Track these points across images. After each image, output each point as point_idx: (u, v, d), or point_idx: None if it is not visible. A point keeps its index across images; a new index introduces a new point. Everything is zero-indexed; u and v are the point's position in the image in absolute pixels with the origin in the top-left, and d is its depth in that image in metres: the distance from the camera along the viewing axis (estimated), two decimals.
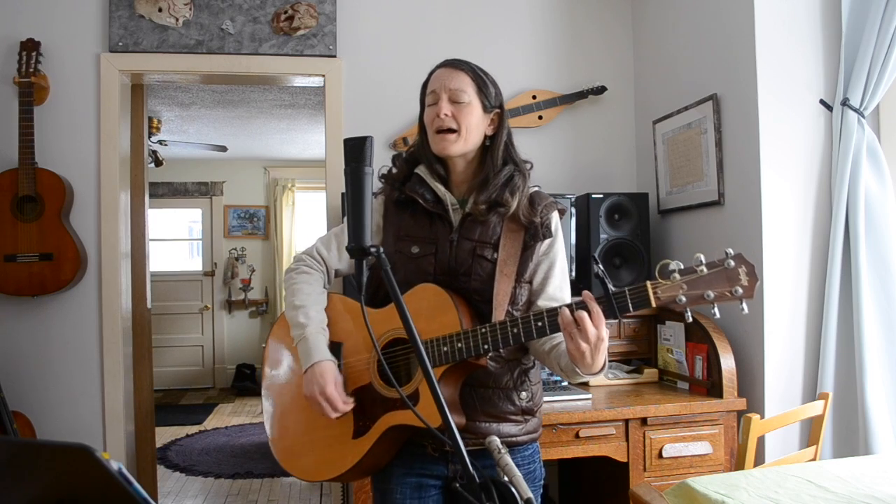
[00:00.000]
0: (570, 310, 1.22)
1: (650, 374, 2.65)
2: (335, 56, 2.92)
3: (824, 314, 2.25)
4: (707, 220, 2.63)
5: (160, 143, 5.55)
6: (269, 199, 7.37)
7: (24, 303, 2.71)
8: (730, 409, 2.30)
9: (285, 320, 1.55)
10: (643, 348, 2.72)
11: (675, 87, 2.81)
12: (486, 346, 1.31)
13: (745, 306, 1.18)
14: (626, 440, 2.25)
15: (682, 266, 1.20)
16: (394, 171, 1.54)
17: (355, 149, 1.11)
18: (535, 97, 3.03)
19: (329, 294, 1.55)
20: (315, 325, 1.45)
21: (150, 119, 5.00)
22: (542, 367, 1.60)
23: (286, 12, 2.88)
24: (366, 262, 1.10)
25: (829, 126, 2.33)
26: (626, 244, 2.73)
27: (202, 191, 7.28)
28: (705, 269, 1.19)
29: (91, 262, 2.77)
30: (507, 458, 0.99)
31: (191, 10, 2.84)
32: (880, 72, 2.17)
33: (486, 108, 1.45)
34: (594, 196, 2.72)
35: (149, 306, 3.37)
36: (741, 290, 1.17)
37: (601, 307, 1.22)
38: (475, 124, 1.43)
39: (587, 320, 1.20)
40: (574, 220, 2.75)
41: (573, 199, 2.79)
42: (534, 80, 3.06)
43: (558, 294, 1.47)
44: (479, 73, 1.46)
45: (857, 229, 2.19)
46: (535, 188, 1.50)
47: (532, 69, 3.07)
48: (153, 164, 5.45)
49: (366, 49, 2.97)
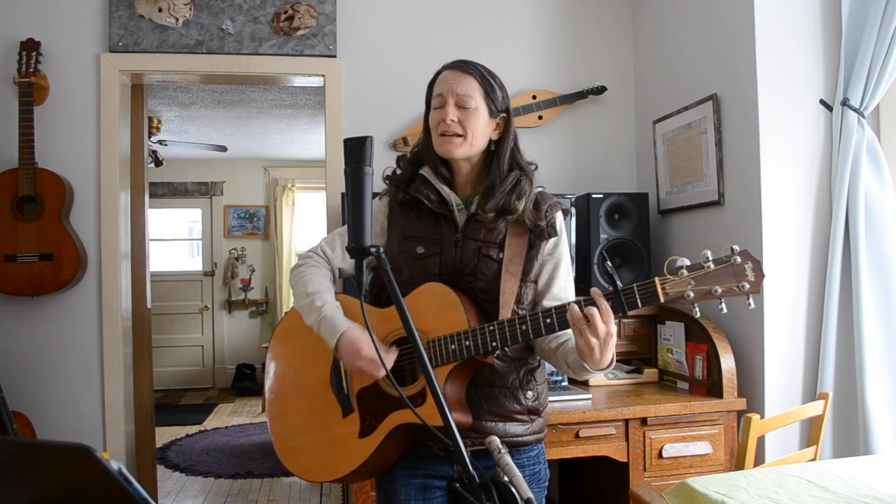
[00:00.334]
0: (579, 306, 1.23)
1: (650, 374, 2.65)
2: (335, 56, 2.92)
3: (824, 314, 2.25)
4: (707, 220, 2.63)
5: (160, 143, 5.55)
6: (269, 199, 7.37)
7: (24, 303, 2.71)
8: (730, 409, 2.30)
9: (291, 318, 1.55)
10: (643, 348, 2.72)
11: (675, 87, 2.81)
12: (495, 343, 1.31)
13: (751, 301, 1.20)
14: (626, 440, 2.25)
15: (688, 262, 1.22)
16: (398, 172, 1.54)
17: (355, 149, 1.11)
18: (535, 97, 3.03)
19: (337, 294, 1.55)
20: (331, 304, 1.44)
21: (150, 119, 5.00)
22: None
23: (286, 12, 2.88)
24: (366, 262, 1.10)
25: (829, 126, 2.33)
26: (626, 244, 2.73)
27: (202, 191, 7.28)
28: (712, 265, 1.21)
29: (91, 262, 2.77)
30: (507, 458, 0.99)
31: (191, 10, 2.84)
32: (880, 72, 2.17)
33: (492, 113, 1.45)
34: (594, 196, 2.72)
35: (149, 306, 3.37)
36: (748, 286, 1.20)
37: (610, 303, 1.23)
38: (481, 129, 1.43)
39: (597, 316, 1.21)
40: (574, 220, 2.75)
41: (573, 199, 2.79)
42: (534, 80, 3.07)
43: (563, 294, 1.48)
44: (486, 76, 1.45)
45: (857, 229, 2.19)
46: (539, 189, 1.50)
47: (532, 69, 3.07)
48: (153, 164, 5.45)
49: (366, 49, 2.97)
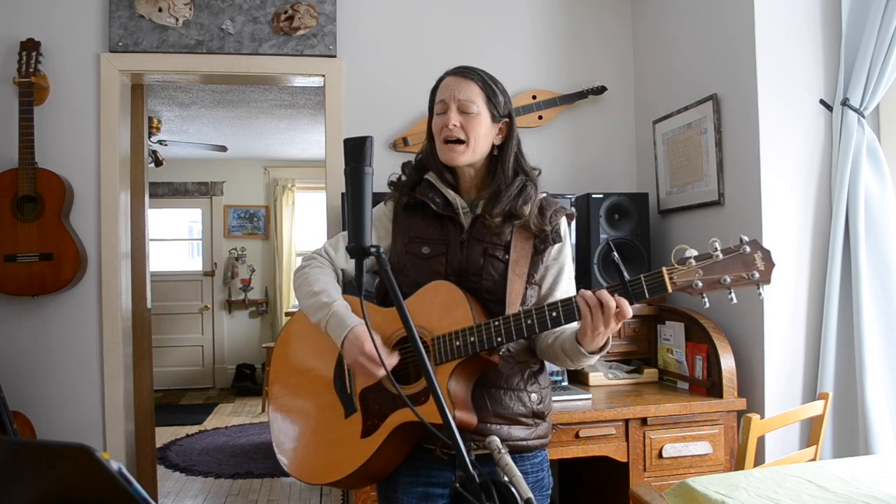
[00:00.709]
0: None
1: (650, 374, 2.65)
2: (335, 56, 2.92)
3: (824, 314, 2.25)
4: (707, 220, 2.63)
5: (160, 143, 5.55)
6: (269, 199, 7.37)
7: (24, 303, 2.71)
8: (730, 409, 2.30)
9: (296, 320, 1.55)
10: (643, 348, 2.72)
11: (675, 87, 2.81)
12: (500, 338, 1.30)
13: (762, 291, 1.18)
14: (626, 440, 2.25)
15: (696, 253, 1.21)
16: (403, 178, 1.55)
17: (355, 149, 1.11)
18: (535, 97, 3.03)
19: None
20: (339, 302, 1.43)
21: (150, 119, 5.00)
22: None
23: (286, 12, 2.88)
24: (368, 263, 1.11)
25: (829, 126, 2.33)
26: (626, 244, 2.73)
27: (202, 191, 7.28)
28: (721, 255, 1.19)
29: (91, 262, 2.77)
30: (507, 458, 0.99)
31: (191, 10, 2.84)
32: (880, 72, 2.17)
33: (494, 118, 1.45)
34: (594, 196, 2.72)
35: (149, 306, 3.37)
36: (758, 275, 1.18)
37: (617, 294, 1.23)
38: (483, 135, 1.44)
39: (610, 299, 1.22)
40: (574, 220, 2.75)
41: (573, 199, 2.79)
42: (534, 80, 3.07)
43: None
44: (488, 81, 1.45)
45: (857, 229, 2.19)
46: (544, 194, 1.51)
47: (532, 69, 3.07)
48: (153, 164, 5.46)
49: (366, 49, 2.97)
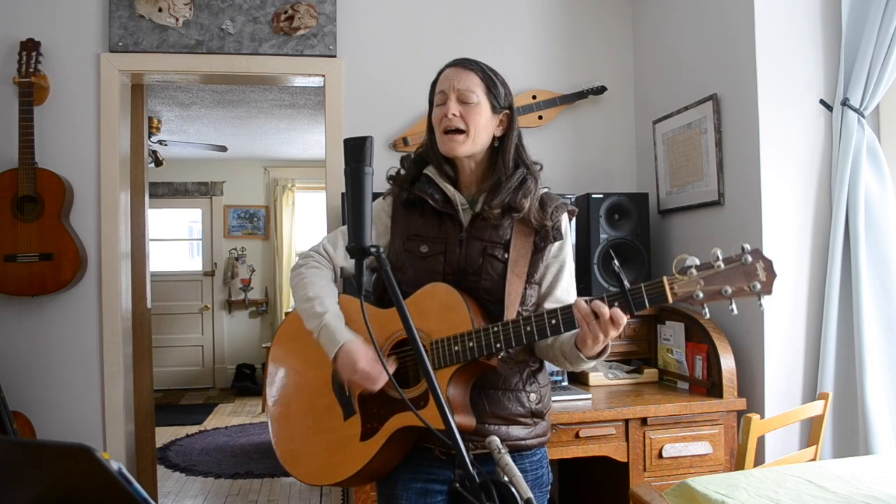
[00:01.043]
0: (586, 302, 1.23)
1: (650, 374, 2.65)
2: (335, 56, 2.92)
3: (824, 314, 2.25)
4: (707, 220, 2.63)
5: (160, 143, 5.55)
6: (269, 199, 7.38)
7: (24, 303, 2.71)
8: (730, 409, 2.30)
9: (292, 320, 1.54)
10: (643, 348, 2.72)
11: (675, 87, 2.81)
12: (499, 344, 1.30)
13: (763, 302, 1.17)
14: (626, 440, 2.25)
15: (698, 262, 1.20)
16: (402, 172, 1.53)
17: (355, 149, 1.11)
18: (535, 97, 3.03)
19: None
20: (332, 312, 1.43)
21: (150, 119, 5.00)
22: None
23: (286, 12, 2.88)
24: (367, 262, 1.10)
25: (829, 126, 2.33)
26: (626, 244, 2.73)
27: (202, 191, 7.28)
28: (722, 265, 1.18)
29: (91, 262, 2.77)
30: (507, 458, 0.99)
31: (191, 10, 2.84)
32: (880, 72, 2.17)
33: (495, 109, 1.44)
34: (594, 196, 2.72)
35: (149, 306, 3.37)
36: (759, 286, 1.17)
37: (617, 303, 1.23)
38: (483, 125, 1.42)
39: (605, 308, 1.21)
40: (574, 220, 2.75)
41: (573, 199, 2.79)
42: (534, 80, 3.07)
43: (566, 297, 1.47)
44: (488, 72, 1.45)
45: (857, 229, 2.19)
46: (545, 189, 1.50)
47: (532, 69, 3.07)
48: (153, 164, 5.46)
49: (366, 49, 2.97)
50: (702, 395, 2.38)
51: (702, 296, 1.19)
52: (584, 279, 2.75)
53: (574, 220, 2.73)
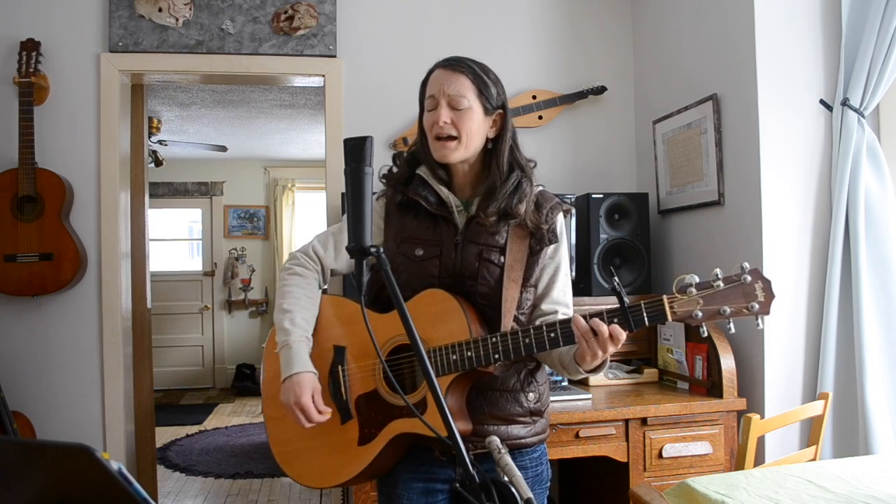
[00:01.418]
0: (585, 318, 1.23)
1: (650, 374, 2.65)
2: (335, 56, 2.92)
3: (824, 314, 2.25)
4: (707, 220, 2.63)
5: (160, 143, 5.55)
6: (269, 199, 7.38)
7: (24, 303, 2.71)
8: (730, 409, 2.30)
9: None
10: (643, 348, 2.72)
11: (675, 87, 2.81)
12: (497, 355, 1.29)
13: (760, 322, 1.19)
14: (626, 440, 2.25)
15: (697, 280, 1.20)
16: (395, 170, 1.50)
17: (355, 149, 1.11)
18: (535, 97, 3.03)
19: (332, 297, 1.51)
20: (298, 333, 1.42)
21: (150, 119, 5.00)
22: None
23: (286, 12, 2.88)
24: (366, 262, 1.10)
25: (829, 126, 2.33)
26: (626, 244, 2.73)
27: (202, 191, 7.28)
28: (722, 284, 1.19)
29: (91, 262, 2.77)
30: (508, 458, 0.99)
31: (191, 10, 2.84)
32: (880, 72, 2.17)
33: (487, 111, 1.41)
34: (594, 196, 2.72)
35: (149, 306, 3.37)
36: (757, 306, 1.18)
37: (616, 320, 1.22)
38: (476, 129, 1.39)
39: (603, 327, 1.21)
40: (574, 220, 2.75)
41: (573, 199, 2.79)
42: (534, 80, 3.06)
43: (562, 297, 1.47)
44: (479, 73, 1.41)
45: (857, 229, 2.19)
46: (540, 188, 1.47)
47: (532, 69, 3.07)
48: (153, 164, 5.45)
49: (366, 49, 2.97)
50: (702, 395, 2.38)
51: (701, 315, 1.19)
52: (584, 279, 2.75)
53: (574, 219, 2.75)
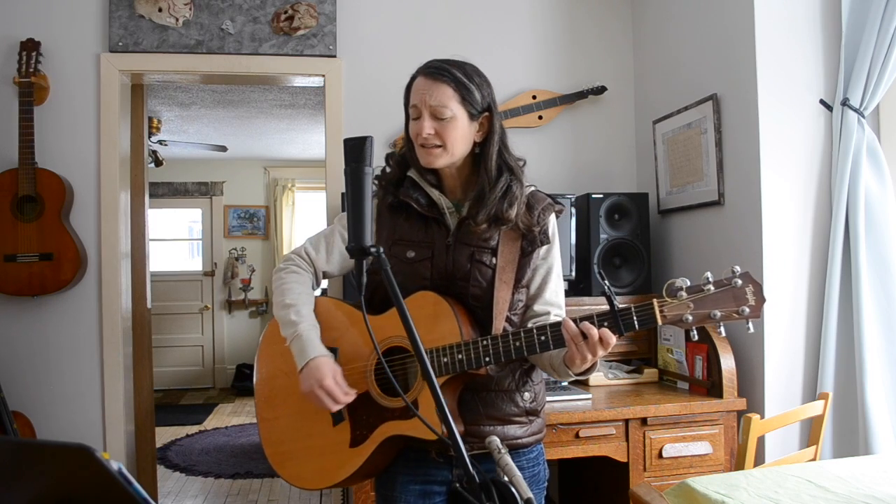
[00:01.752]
0: (575, 322, 1.23)
1: (650, 374, 2.65)
2: (335, 56, 2.92)
3: (824, 314, 2.25)
4: (707, 220, 2.63)
5: (160, 143, 5.55)
6: (269, 199, 7.38)
7: (24, 303, 2.71)
8: (730, 409, 2.30)
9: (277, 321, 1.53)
10: (643, 348, 2.72)
11: (675, 87, 2.81)
12: (488, 358, 1.30)
13: (750, 325, 1.19)
14: (626, 440, 2.25)
15: (688, 283, 1.20)
16: (387, 170, 1.50)
17: (355, 149, 1.11)
18: (535, 97, 3.03)
19: (324, 298, 1.51)
20: (307, 322, 1.41)
21: (150, 119, 5.00)
22: None
23: (286, 12, 2.88)
24: (366, 262, 1.10)
25: (829, 126, 2.33)
26: (626, 244, 2.73)
27: (202, 191, 7.28)
28: (712, 288, 1.19)
29: (91, 262, 2.77)
30: (507, 458, 0.99)
31: (191, 10, 2.84)
32: (880, 72, 2.17)
33: (472, 116, 1.39)
34: (594, 196, 2.72)
35: (149, 306, 3.37)
36: (748, 310, 1.18)
37: (606, 324, 1.22)
38: (461, 136, 1.38)
39: (593, 330, 1.21)
40: (574, 220, 2.75)
41: (573, 199, 2.78)
42: (534, 80, 3.06)
43: (554, 298, 1.46)
44: (461, 79, 1.38)
45: (857, 229, 2.19)
46: (531, 188, 1.46)
47: (532, 69, 3.07)
48: (153, 164, 5.45)
49: (366, 49, 2.97)
50: (702, 395, 2.38)
51: (691, 319, 1.19)
52: (584, 279, 2.75)
53: (574, 219, 2.75)
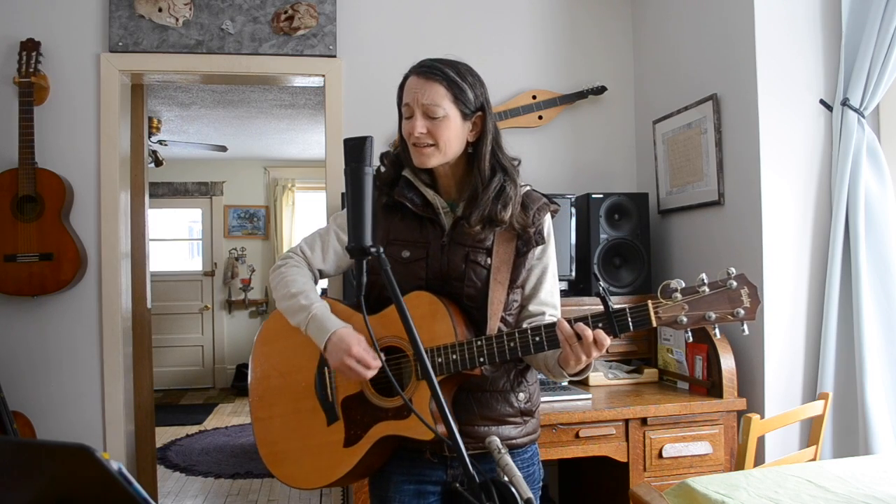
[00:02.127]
0: (570, 323, 1.23)
1: (650, 374, 2.65)
2: (335, 56, 2.92)
3: (824, 314, 2.25)
4: (707, 220, 2.63)
5: (160, 143, 5.55)
6: (269, 199, 7.38)
7: (24, 303, 2.71)
8: (730, 409, 2.30)
9: (275, 320, 1.52)
10: (643, 348, 2.72)
11: (675, 87, 2.81)
12: (482, 359, 1.30)
13: (745, 327, 1.18)
14: (626, 440, 2.25)
15: (683, 285, 1.20)
16: (382, 169, 1.50)
17: (355, 149, 1.11)
18: (535, 97, 3.03)
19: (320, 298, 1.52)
20: (319, 304, 1.40)
21: (150, 119, 5.00)
22: None
23: (286, 12, 2.88)
24: (365, 262, 1.10)
25: (829, 126, 2.33)
26: (626, 244, 2.73)
27: (202, 191, 7.28)
28: (707, 290, 1.19)
29: (91, 262, 2.77)
30: (507, 458, 1.00)
31: (191, 10, 2.84)
32: (880, 72, 2.17)
33: (465, 116, 1.38)
34: (594, 196, 2.72)
35: (149, 306, 3.37)
36: (743, 312, 1.18)
37: (601, 325, 1.22)
38: (454, 136, 1.38)
39: (588, 331, 1.21)
40: (574, 220, 2.75)
41: (573, 199, 2.78)
42: (534, 80, 3.06)
43: (550, 298, 1.46)
44: (454, 78, 1.38)
45: (857, 229, 2.19)
46: (526, 187, 1.46)
47: (532, 69, 3.07)
48: (153, 164, 5.45)
49: (366, 49, 2.97)
50: (702, 395, 2.38)
51: (686, 321, 1.19)
52: (584, 280, 2.75)
53: (574, 219, 2.75)
